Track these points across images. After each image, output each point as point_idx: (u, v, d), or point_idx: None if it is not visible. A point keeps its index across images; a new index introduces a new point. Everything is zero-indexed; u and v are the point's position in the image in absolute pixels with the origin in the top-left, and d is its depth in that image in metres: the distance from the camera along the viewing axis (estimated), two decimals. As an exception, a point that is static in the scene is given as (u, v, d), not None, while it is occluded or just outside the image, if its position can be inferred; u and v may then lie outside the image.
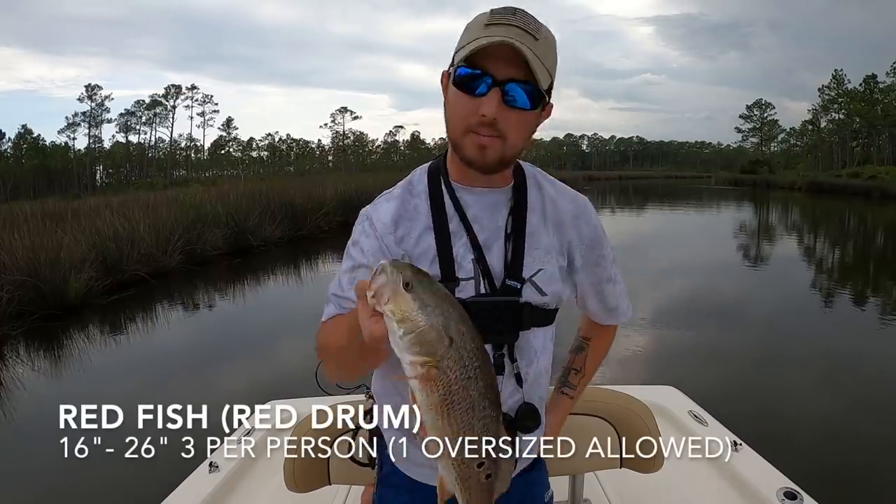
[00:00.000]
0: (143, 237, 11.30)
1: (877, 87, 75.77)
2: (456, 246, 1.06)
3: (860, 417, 4.52)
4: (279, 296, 10.49)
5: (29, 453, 4.29)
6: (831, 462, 3.71)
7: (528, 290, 1.09)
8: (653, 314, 7.93)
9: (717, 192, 49.15)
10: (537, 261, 1.10)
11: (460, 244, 1.07)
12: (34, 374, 6.42)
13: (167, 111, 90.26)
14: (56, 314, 8.31)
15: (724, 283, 10.49)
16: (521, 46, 0.92)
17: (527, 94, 0.96)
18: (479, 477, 0.85)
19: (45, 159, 77.67)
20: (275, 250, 14.64)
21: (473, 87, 0.96)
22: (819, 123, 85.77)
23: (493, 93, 0.95)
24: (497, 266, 1.07)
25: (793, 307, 8.61)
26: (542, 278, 1.10)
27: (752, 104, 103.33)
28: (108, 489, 3.70)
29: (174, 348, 7.30)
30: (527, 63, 0.93)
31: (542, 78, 0.96)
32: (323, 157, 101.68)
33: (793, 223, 25.01)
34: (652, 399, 2.16)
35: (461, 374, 0.76)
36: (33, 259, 8.73)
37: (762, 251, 15.21)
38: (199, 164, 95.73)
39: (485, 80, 0.95)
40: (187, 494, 2.00)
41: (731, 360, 6.04)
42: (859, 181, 43.01)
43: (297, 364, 5.21)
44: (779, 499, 1.85)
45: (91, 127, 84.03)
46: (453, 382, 0.76)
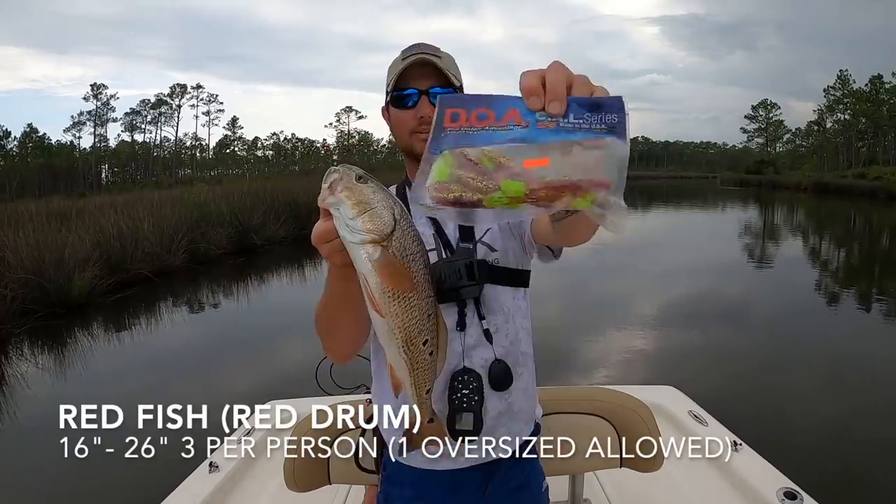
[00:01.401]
0: (147, 236, 11.34)
1: (882, 87, 75.44)
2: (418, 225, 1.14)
3: (861, 418, 4.51)
4: (282, 295, 10.51)
5: (30, 452, 4.31)
6: (831, 462, 3.71)
7: (481, 249, 1.27)
8: (653, 314, 7.93)
9: (723, 193, 49.04)
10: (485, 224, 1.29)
11: (421, 223, 1.24)
12: (38, 372, 6.45)
13: (172, 110, 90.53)
14: (60, 312, 8.35)
15: (726, 283, 10.46)
16: (430, 59, 1.23)
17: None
18: (423, 354, 0.93)
19: (50, 158, 77.94)
20: (279, 249, 14.67)
21: (406, 101, 1.26)
22: (825, 124, 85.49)
23: (422, 100, 1.24)
24: (452, 235, 1.28)
25: (794, 308, 8.58)
26: (490, 237, 1.28)
27: (758, 104, 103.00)
28: (109, 489, 3.71)
29: (176, 347, 7.32)
30: (439, 72, 1.23)
31: (453, 80, 1.26)
32: (328, 157, 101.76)
33: (798, 224, 24.94)
34: (652, 399, 2.16)
35: (407, 251, 0.84)
36: (38, 257, 8.77)
37: (766, 252, 15.16)
38: (204, 164, 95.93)
39: (412, 94, 1.25)
40: (187, 494, 2.01)
41: (731, 360, 6.03)
42: (865, 182, 42.75)
43: (298, 364, 5.22)
44: (779, 499, 1.84)
45: (96, 126, 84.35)
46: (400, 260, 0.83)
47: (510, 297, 1.29)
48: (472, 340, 1.23)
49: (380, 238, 0.81)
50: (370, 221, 0.81)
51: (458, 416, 1.18)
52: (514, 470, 1.29)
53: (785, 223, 25.05)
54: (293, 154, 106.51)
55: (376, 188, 0.83)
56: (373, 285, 0.84)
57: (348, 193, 0.81)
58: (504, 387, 1.23)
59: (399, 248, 0.83)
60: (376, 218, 0.82)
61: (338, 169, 0.83)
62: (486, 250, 1.27)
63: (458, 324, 1.22)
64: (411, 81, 1.24)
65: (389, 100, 1.28)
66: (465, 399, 1.19)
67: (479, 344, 1.23)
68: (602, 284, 9.25)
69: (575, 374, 5.38)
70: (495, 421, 1.23)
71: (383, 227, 0.82)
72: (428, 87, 1.24)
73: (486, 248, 1.27)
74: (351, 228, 0.81)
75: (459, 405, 1.18)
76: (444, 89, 1.25)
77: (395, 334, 0.89)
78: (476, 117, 0.69)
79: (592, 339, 6.68)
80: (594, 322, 7.31)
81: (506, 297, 1.28)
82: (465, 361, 1.21)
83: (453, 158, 0.69)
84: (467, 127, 0.69)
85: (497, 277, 1.26)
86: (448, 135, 0.69)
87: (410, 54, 1.25)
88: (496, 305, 1.26)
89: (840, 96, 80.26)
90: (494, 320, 1.25)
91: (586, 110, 0.67)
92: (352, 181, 0.82)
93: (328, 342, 1.15)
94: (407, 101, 1.25)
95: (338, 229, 0.83)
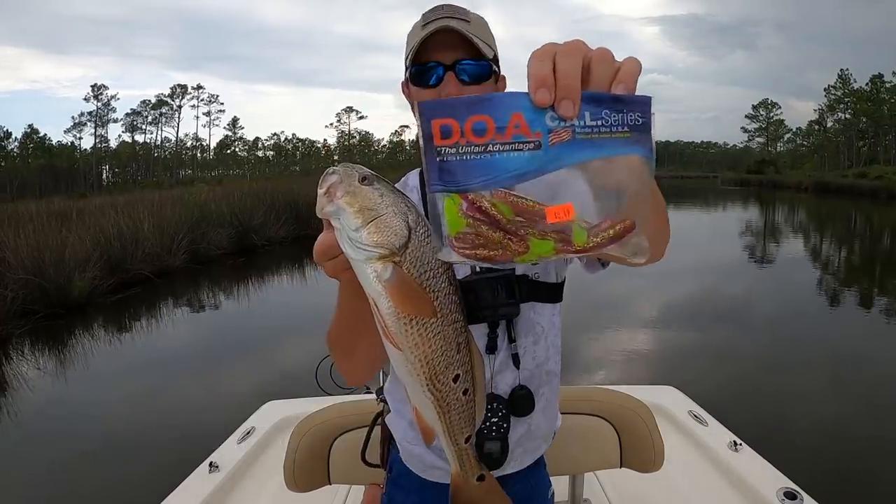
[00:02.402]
0: (148, 236, 11.35)
1: (883, 86, 75.45)
2: None
3: (861, 418, 4.50)
4: (282, 296, 10.50)
5: (30, 452, 4.31)
6: (831, 462, 3.70)
7: (520, 266, 1.09)
8: (653, 314, 7.92)
9: (724, 193, 49.01)
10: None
11: None
12: (38, 373, 6.45)
13: (173, 111, 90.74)
14: (60, 313, 8.35)
15: (727, 283, 10.45)
16: (455, 25, 1.00)
17: (475, 71, 1.04)
18: (456, 393, 0.77)
19: (51, 158, 78.08)
20: (279, 250, 14.66)
21: (429, 78, 1.04)
22: (825, 123, 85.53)
23: (447, 77, 1.03)
24: None
25: (795, 308, 8.57)
26: None
27: (759, 104, 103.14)
28: (109, 489, 3.71)
29: (177, 348, 7.31)
30: (466, 41, 1.01)
31: (485, 50, 1.03)
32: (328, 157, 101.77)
33: (798, 223, 24.91)
34: (652, 399, 2.16)
35: (425, 267, 0.69)
36: (38, 258, 8.78)
37: (767, 251, 15.14)
38: (204, 164, 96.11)
39: (436, 69, 1.04)
40: (187, 494, 2.01)
41: (731, 360, 6.02)
42: (866, 181, 42.67)
43: (298, 364, 5.22)
44: (779, 499, 1.84)
45: (97, 126, 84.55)
46: (417, 279, 0.68)
47: (549, 315, 1.17)
48: (499, 365, 1.12)
49: (390, 253, 0.66)
50: (378, 233, 0.66)
51: (485, 445, 1.08)
52: (522, 482, 1.23)
53: (786, 223, 25.01)
54: (294, 154, 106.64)
55: (385, 190, 0.68)
56: (384, 311, 0.68)
57: (350, 199, 0.67)
58: (525, 412, 1.13)
59: (415, 263, 0.68)
60: (385, 228, 0.66)
61: (336, 170, 0.69)
62: (527, 265, 1.11)
63: (487, 347, 1.10)
64: (434, 53, 1.03)
65: (408, 75, 1.08)
66: (493, 427, 1.09)
67: (505, 368, 1.12)
68: (602, 284, 9.23)
69: (575, 374, 5.37)
70: (515, 444, 1.15)
71: (394, 238, 0.66)
72: (454, 60, 1.03)
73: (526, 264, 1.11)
74: (354, 242, 0.66)
75: (488, 434, 1.09)
76: (476, 62, 1.04)
77: (417, 369, 0.73)
78: (472, 130, 0.55)
79: (592, 339, 6.68)
80: (594, 321, 7.29)
81: (544, 316, 1.16)
82: (493, 387, 1.11)
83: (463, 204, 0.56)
84: (464, 146, 0.55)
85: (537, 294, 1.13)
86: (446, 161, 0.55)
87: (432, 19, 1.05)
88: (529, 326, 1.13)
89: (841, 95, 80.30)
90: (524, 343, 1.13)
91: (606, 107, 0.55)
92: (354, 183, 0.68)
93: (343, 364, 1.01)
94: (429, 77, 1.04)
95: (339, 243, 0.69)
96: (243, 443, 2.42)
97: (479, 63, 1.04)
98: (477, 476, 0.90)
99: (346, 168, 0.69)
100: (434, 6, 1.08)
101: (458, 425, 0.80)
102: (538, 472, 1.30)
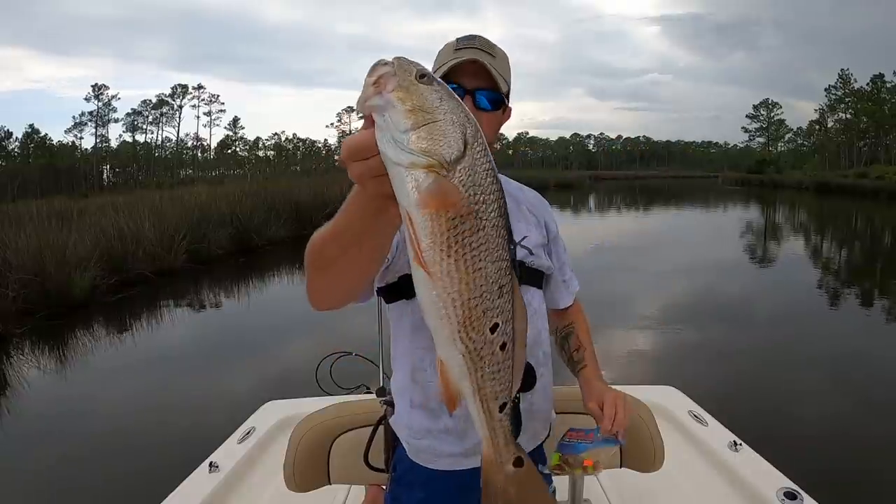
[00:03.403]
0: (148, 236, 11.35)
1: (884, 86, 75.44)
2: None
3: (861, 417, 4.49)
4: (282, 296, 10.49)
5: (31, 452, 4.31)
6: (831, 462, 3.69)
7: (519, 252, 1.26)
8: (653, 313, 7.91)
9: (725, 193, 48.93)
10: (522, 230, 1.30)
11: None
12: (38, 373, 6.45)
13: (174, 111, 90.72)
14: (61, 312, 8.36)
15: (727, 282, 10.43)
16: (483, 59, 1.17)
17: (490, 100, 1.21)
18: (493, 346, 0.65)
19: (52, 158, 78.00)
20: (280, 249, 14.65)
21: None
22: (826, 123, 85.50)
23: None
24: None
25: (795, 307, 8.55)
26: (529, 243, 1.30)
27: (759, 104, 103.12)
28: (109, 489, 3.71)
29: (177, 348, 7.31)
30: (488, 74, 1.18)
31: (502, 85, 1.20)
32: (329, 157, 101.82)
33: (799, 223, 24.89)
34: (652, 399, 2.15)
35: (478, 189, 0.59)
36: (39, 257, 8.77)
37: (768, 251, 15.14)
38: (205, 164, 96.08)
39: (458, 91, 1.17)
40: (187, 494, 2.00)
41: (731, 359, 6.01)
42: (867, 181, 42.68)
43: (298, 364, 5.22)
44: (779, 499, 1.84)
45: (98, 126, 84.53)
46: (466, 201, 0.58)
47: (538, 299, 1.33)
48: None
49: (439, 164, 0.57)
50: (429, 139, 0.56)
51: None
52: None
53: (786, 222, 25.01)
54: (294, 154, 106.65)
55: (444, 94, 0.59)
56: (419, 227, 0.58)
57: (403, 94, 0.57)
58: (528, 387, 1.23)
59: (465, 183, 0.58)
60: (439, 135, 0.57)
61: (390, 61, 0.60)
62: (526, 253, 1.29)
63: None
64: (459, 76, 1.18)
65: None
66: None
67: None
68: (602, 283, 9.23)
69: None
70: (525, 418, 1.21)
71: (447, 150, 0.57)
72: (474, 87, 1.19)
73: (525, 251, 1.29)
74: (399, 145, 0.56)
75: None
76: (490, 92, 1.20)
77: (448, 309, 0.61)
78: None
79: (592, 339, 6.66)
80: (594, 321, 7.23)
81: (535, 298, 1.31)
82: None
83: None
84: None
85: (531, 279, 1.30)
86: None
87: (464, 46, 1.20)
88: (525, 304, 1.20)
89: (841, 95, 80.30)
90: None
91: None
92: (410, 79, 0.58)
93: (317, 280, 0.90)
94: None
95: (379, 144, 0.58)
96: (243, 443, 2.42)
97: (494, 94, 1.21)
98: (513, 460, 0.77)
99: (401, 60, 0.60)
100: (469, 34, 1.24)
101: (492, 387, 0.68)
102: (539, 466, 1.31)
